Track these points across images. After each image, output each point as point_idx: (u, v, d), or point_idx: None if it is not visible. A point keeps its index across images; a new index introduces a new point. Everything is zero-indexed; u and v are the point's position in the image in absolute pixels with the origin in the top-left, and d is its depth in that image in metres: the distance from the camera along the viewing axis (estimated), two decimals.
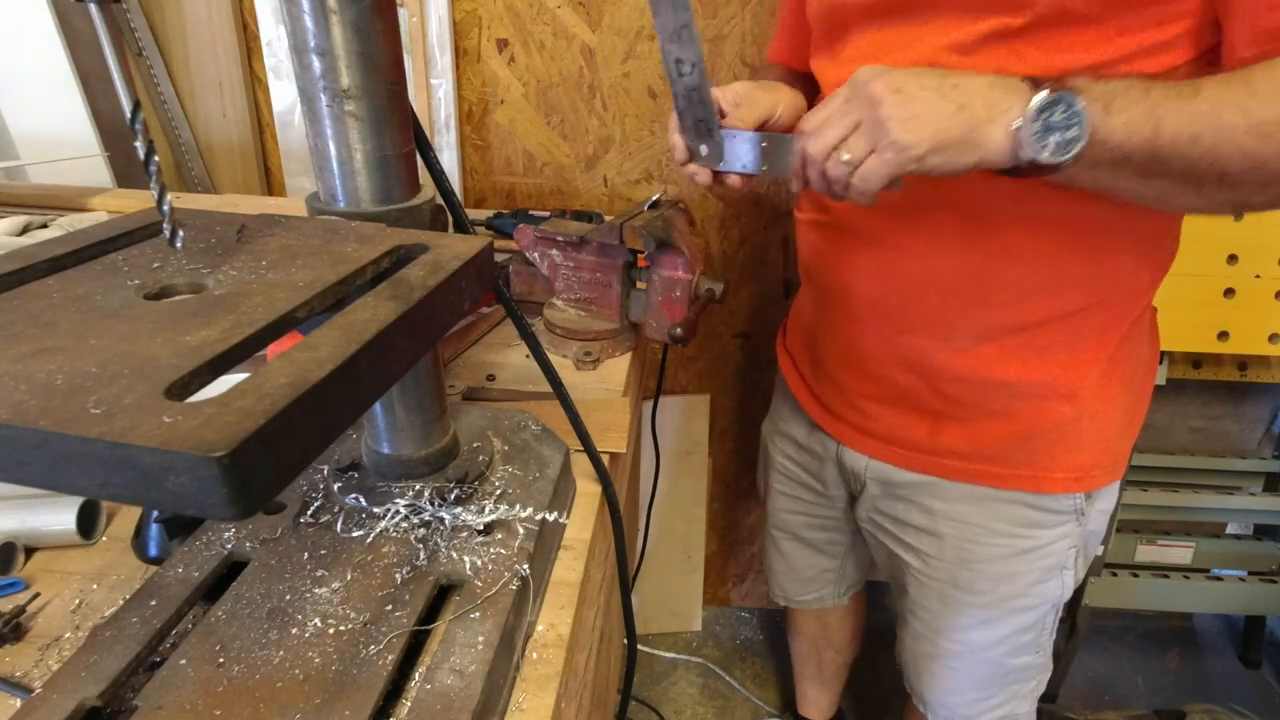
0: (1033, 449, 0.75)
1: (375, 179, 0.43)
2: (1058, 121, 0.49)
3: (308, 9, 0.37)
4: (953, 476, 0.78)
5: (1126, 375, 0.75)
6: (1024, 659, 0.88)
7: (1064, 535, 0.79)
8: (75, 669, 0.37)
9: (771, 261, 1.34)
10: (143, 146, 0.32)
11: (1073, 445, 0.74)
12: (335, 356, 0.27)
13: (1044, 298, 0.67)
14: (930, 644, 0.90)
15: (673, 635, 1.67)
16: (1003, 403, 0.73)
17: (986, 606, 0.83)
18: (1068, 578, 0.82)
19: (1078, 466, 0.75)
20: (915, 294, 0.70)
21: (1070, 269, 0.66)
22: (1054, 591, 0.82)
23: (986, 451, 0.76)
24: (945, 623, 0.87)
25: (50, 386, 0.24)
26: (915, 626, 0.91)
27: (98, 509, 0.56)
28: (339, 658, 0.39)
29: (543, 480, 0.53)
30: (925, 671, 0.93)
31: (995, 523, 0.78)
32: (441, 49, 1.16)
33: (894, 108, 0.51)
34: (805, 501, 1.01)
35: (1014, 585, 0.81)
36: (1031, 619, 0.84)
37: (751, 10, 1.13)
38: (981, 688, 0.90)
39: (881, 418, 0.81)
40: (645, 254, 0.74)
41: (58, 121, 1.14)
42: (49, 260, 0.35)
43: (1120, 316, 0.70)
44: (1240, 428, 1.51)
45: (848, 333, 0.79)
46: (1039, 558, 0.80)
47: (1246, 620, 1.62)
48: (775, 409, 1.04)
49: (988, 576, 0.81)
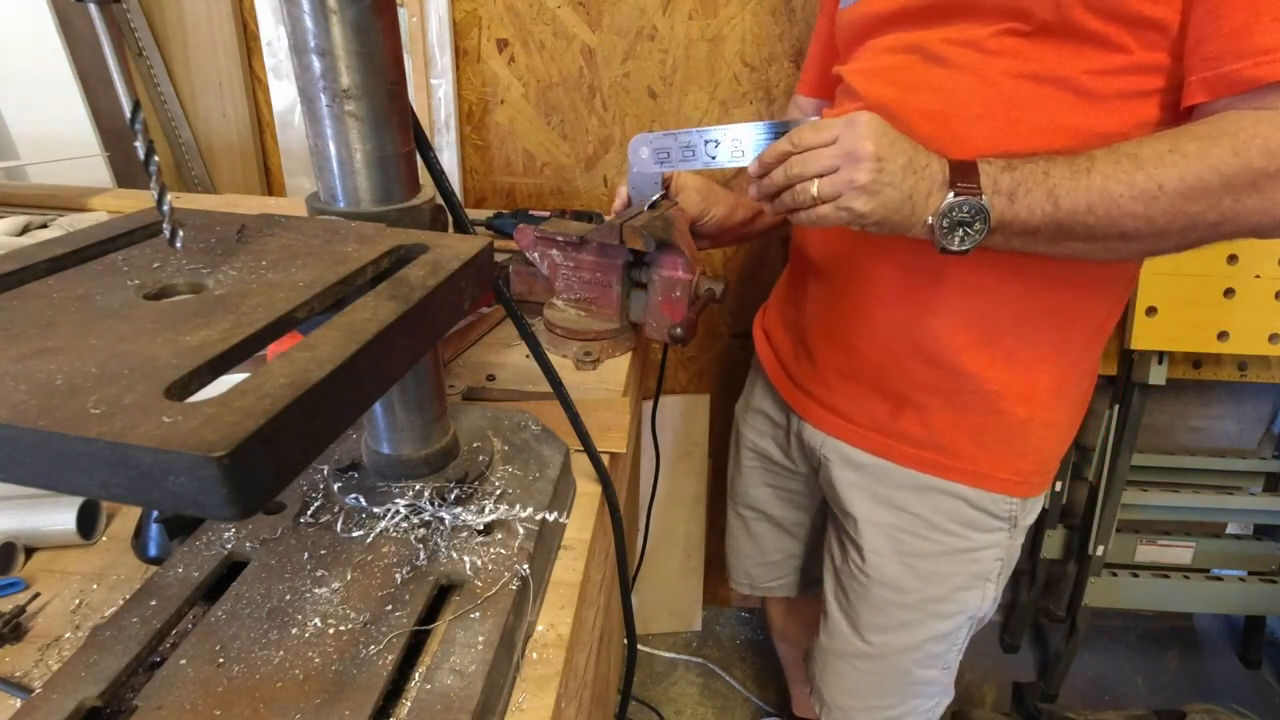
0: (983, 445, 0.77)
1: (375, 179, 0.43)
2: (962, 218, 0.59)
3: (308, 9, 0.37)
4: (902, 461, 0.81)
5: (1075, 387, 0.78)
6: (930, 672, 0.90)
7: (994, 544, 0.82)
8: (75, 669, 0.37)
9: (771, 261, 1.34)
10: (143, 146, 0.32)
11: (1020, 449, 0.77)
12: (335, 356, 0.27)
13: (1006, 289, 0.71)
14: (844, 641, 0.92)
15: (673, 635, 1.67)
16: (964, 394, 0.75)
17: (909, 607, 0.85)
18: (989, 591, 0.85)
19: (1020, 470, 0.78)
20: (936, 272, 0.72)
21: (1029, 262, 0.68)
22: (974, 602, 0.85)
23: (939, 441, 0.78)
24: (865, 620, 0.89)
25: (50, 386, 0.24)
26: (834, 621, 0.93)
27: (98, 509, 0.56)
28: (339, 658, 0.39)
29: (543, 480, 0.53)
30: (832, 670, 0.95)
31: (934, 515, 0.81)
32: (441, 49, 1.16)
33: (868, 175, 0.58)
34: (775, 474, 1.03)
35: (941, 587, 0.84)
36: (948, 628, 0.86)
37: (751, 10, 1.13)
38: (883, 695, 0.92)
39: (845, 393, 0.83)
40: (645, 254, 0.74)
41: (58, 121, 1.14)
42: (49, 260, 0.35)
43: (1083, 319, 0.73)
44: (1240, 428, 1.51)
45: (829, 303, 0.81)
46: (968, 561, 0.83)
47: (1246, 620, 1.62)
48: (749, 387, 1.06)
49: (918, 575, 0.84)
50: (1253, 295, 1.25)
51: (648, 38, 1.16)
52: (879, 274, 0.75)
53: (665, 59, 1.17)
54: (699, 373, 1.46)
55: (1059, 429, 0.79)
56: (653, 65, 1.18)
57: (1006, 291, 0.71)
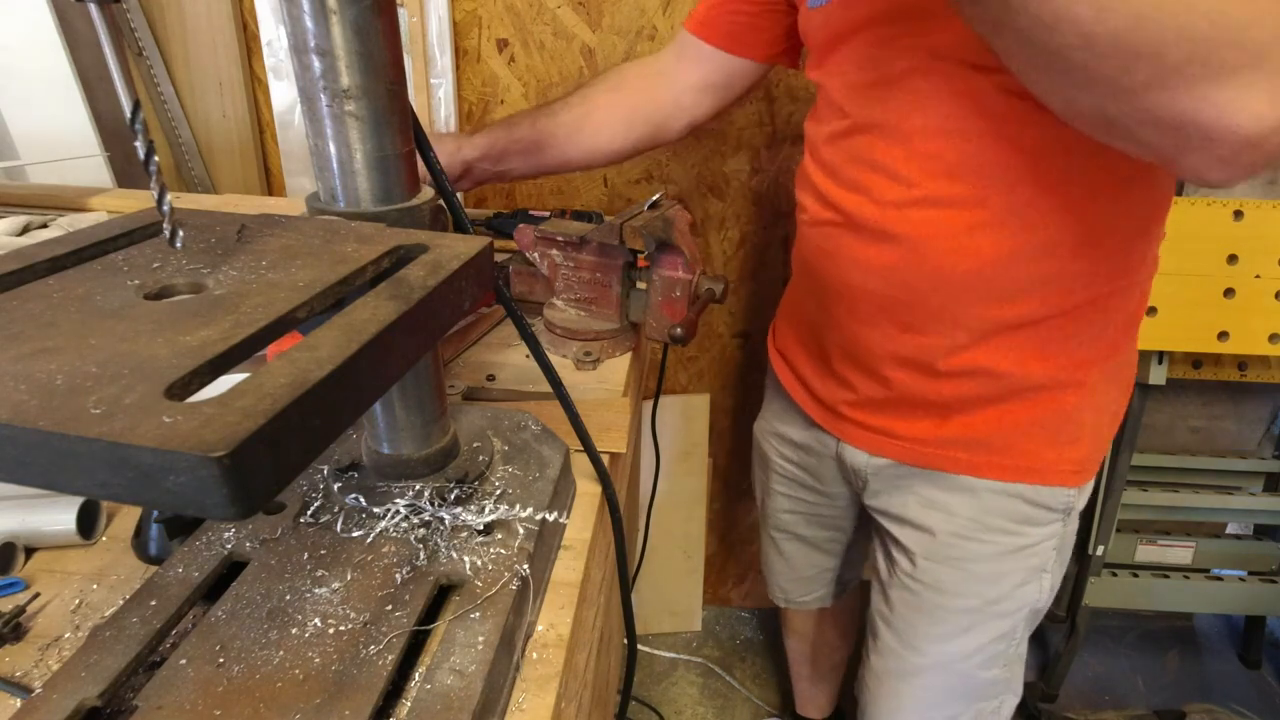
0: (1034, 438, 0.75)
1: (375, 179, 0.43)
2: None
3: (308, 9, 0.37)
4: (955, 469, 0.78)
5: (1120, 369, 0.77)
6: (994, 672, 0.86)
7: (1051, 535, 0.80)
8: (75, 669, 0.37)
9: (771, 261, 1.34)
10: (143, 146, 0.32)
11: (1072, 436, 0.75)
12: (335, 356, 0.27)
13: (1046, 294, 0.69)
14: (899, 660, 0.88)
15: (673, 635, 1.67)
16: (1005, 393, 0.74)
17: (969, 611, 0.83)
18: (1045, 581, 0.83)
19: (1074, 459, 0.76)
20: (923, 290, 0.71)
21: (1069, 266, 0.67)
22: (1032, 595, 0.82)
23: (989, 441, 0.76)
24: (922, 632, 0.86)
25: (50, 386, 0.24)
26: (887, 640, 0.89)
27: (98, 509, 0.56)
28: (339, 658, 0.39)
29: (543, 480, 0.53)
30: (887, 692, 0.91)
31: (990, 517, 0.79)
32: (441, 49, 1.16)
33: None
34: (805, 501, 1.01)
35: (999, 587, 0.81)
36: (1007, 626, 0.84)
37: None
38: (948, 704, 0.89)
39: (886, 415, 0.81)
40: (645, 254, 0.74)
41: (58, 121, 1.14)
42: (49, 260, 0.35)
43: (1118, 310, 0.72)
44: (1240, 428, 1.51)
45: (853, 331, 0.79)
46: (1027, 557, 0.80)
47: (1246, 620, 1.62)
48: (768, 407, 1.04)
49: (976, 578, 0.81)
50: (1253, 295, 1.25)
51: (648, 38, 1.16)
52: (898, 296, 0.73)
53: None
54: (699, 373, 1.46)
55: (1110, 408, 0.77)
56: None
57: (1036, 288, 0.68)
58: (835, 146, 0.75)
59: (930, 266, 0.69)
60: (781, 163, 1.25)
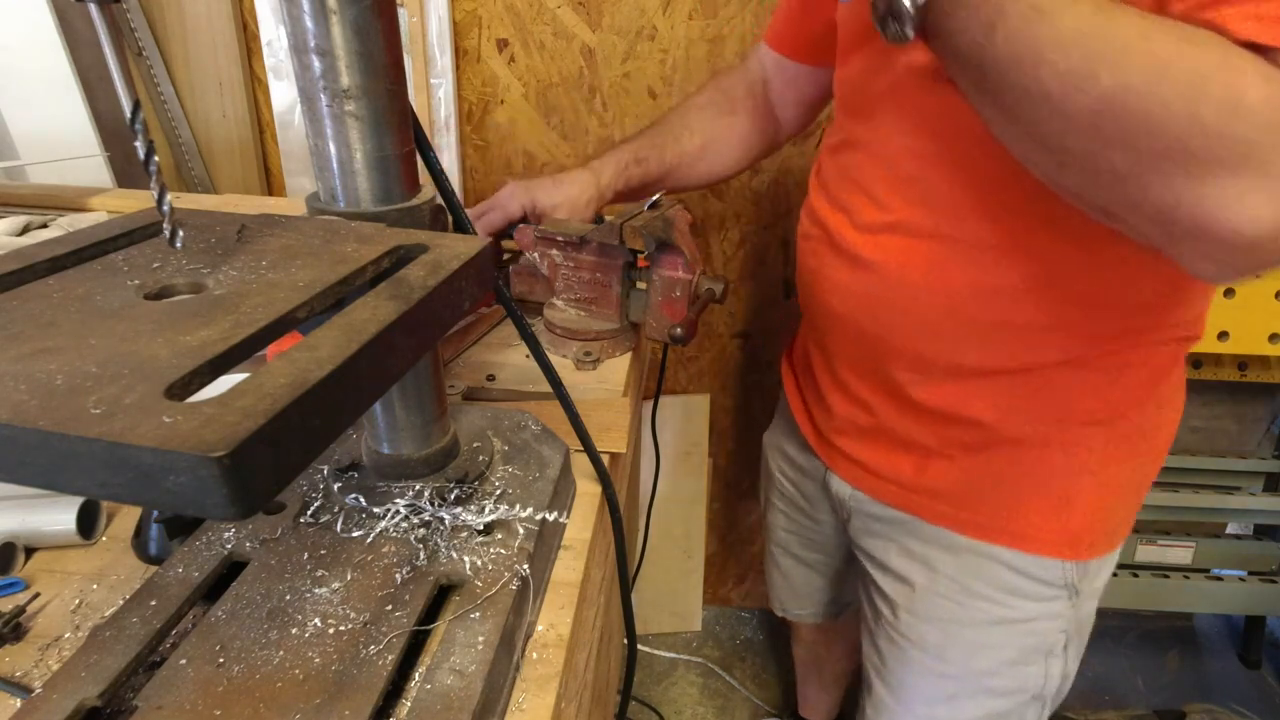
0: (1017, 497, 0.68)
1: (375, 179, 0.43)
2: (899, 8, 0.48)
3: (308, 9, 0.37)
4: (931, 518, 0.73)
5: (1132, 436, 0.69)
6: None
7: (1053, 615, 0.71)
8: (75, 669, 0.37)
9: (771, 261, 1.34)
10: (143, 146, 0.32)
11: (1062, 501, 0.68)
12: (335, 356, 0.27)
13: (1027, 341, 0.63)
14: (893, 717, 0.83)
15: (673, 635, 1.67)
16: (985, 442, 0.68)
17: (956, 679, 0.76)
18: (1054, 667, 0.74)
19: (1069, 530, 0.68)
20: (891, 323, 0.67)
21: (1037, 319, 0.61)
22: (1035, 680, 0.74)
23: (969, 495, 0.70)
24: (911, 693, 0.80)
25: (50, 386, 0.24)
26: (881, 694, 0.84)
27: (98, 509, 0.56)
28: (339, 658, 0.39)
29: (543, 480, 0.53)
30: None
31: (972, 580, 0.72)
32: (441, 49, 1.16)
33: None
34: (796, 521, 1.00)
35: (988, 660, 0.74)
36: (1004, 707, 0.75)
37: (752, 10, 1.13)
38: None
39: (868, 447, 0.77)
40: (645, 254, 0.74)
41: (58, 121, 1.14)
42: (49, 260, 0.35)
43: (1123, 370, 0.64)
44: (1240, 428, 1.51)
45: (834, 357, 0.77)
46: (1020, 634, 0.72)
47: (1246, 620, 1.62)
48: (776, 420, 1.03)
49: (961, 643, 0.74)
50: (1253, 295, 1.25)
51: (648, 38, 1.16)
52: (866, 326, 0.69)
53: (665, 59, 1.17)
54: (699, 373, 1.46)
55: (1117, 480, 0.68)
56: (653, 65, 1.18)
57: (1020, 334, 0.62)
58: (832, 159, 0.73)
59: (902, 297, 0.65)
60: (782, 163, 1.25)
